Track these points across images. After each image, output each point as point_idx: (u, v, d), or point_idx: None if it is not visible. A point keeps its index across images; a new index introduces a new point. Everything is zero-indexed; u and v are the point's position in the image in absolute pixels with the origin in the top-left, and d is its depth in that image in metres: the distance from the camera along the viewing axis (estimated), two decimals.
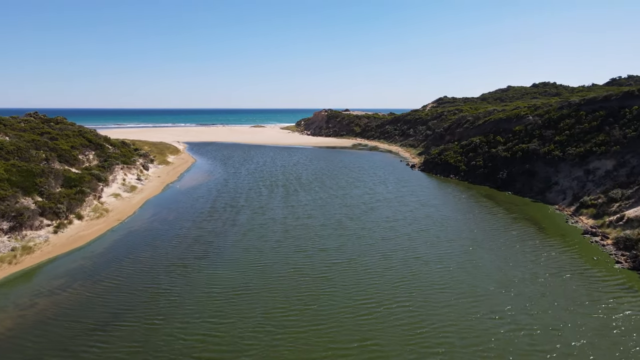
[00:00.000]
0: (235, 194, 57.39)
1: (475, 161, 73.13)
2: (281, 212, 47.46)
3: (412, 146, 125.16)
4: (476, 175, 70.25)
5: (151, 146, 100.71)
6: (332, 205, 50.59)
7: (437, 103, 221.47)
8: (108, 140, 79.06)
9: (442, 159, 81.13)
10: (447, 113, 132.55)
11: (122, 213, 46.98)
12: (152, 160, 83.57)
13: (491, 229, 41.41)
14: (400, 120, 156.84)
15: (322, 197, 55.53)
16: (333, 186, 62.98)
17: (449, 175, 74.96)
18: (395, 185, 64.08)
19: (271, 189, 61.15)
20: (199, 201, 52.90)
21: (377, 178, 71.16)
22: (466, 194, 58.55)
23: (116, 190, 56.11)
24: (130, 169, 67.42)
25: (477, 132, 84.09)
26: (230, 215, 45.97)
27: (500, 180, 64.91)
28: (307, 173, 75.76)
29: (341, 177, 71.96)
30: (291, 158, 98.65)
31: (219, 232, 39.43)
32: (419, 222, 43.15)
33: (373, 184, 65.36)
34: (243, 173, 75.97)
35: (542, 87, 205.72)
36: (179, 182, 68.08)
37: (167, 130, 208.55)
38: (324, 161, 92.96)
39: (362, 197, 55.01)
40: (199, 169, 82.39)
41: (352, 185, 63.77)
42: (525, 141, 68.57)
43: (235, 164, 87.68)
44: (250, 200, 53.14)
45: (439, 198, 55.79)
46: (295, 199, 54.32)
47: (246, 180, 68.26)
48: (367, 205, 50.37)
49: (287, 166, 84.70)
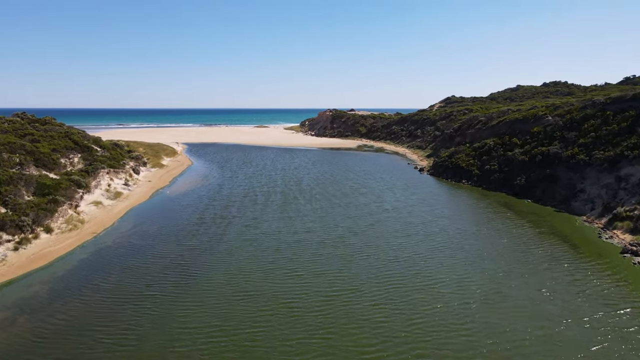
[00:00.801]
0: (229, 202, 52.43)
1: (489, 165, 67.70)
2: (276, 224, 42.39)
3: (420, 147, 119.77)
4: (491, 181, 64.83)
5: (146, 148, 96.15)
6: (334, 217, 45.45)
7: (444, 103, 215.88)
8: (98, 142, 74.49)
9: (453, 162, 75.75)
10: (456, 113, 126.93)
11: (99, 224, 42.15)
12: (144, 163, 78.91)
13: (516, 247, 36.10)
14: (407, 121, 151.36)
15: (323, 206, 50.43)
16: (336, 193, 57.84)
17: (461, 180, 69.61)
18: (404, 192, 58.83)
19: (268, 196, 56.14)
20: (187, 210, 47.99)
21: (383, 183, 65.93)
22: (482, 203, 53.19)
23: (98, 197, 51.36)
24: (118, 174, 62.68)
25: (490, 134, 78.61)
26: (218, 228, 40.96)
27: (518, 186, 59.49)
28: (308, 178, 70.69)
29: (345, 182, 66.82)
30: (293, 161, 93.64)
31: (202, 250, 34.40)
32: (432, 239, 37.89)
33: (380, 190, 60.14)
34: (240, 177, 71.05)
35: (552, 86, 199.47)
36: (170, 187, 63.28)
37: (168, 131, 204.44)
38: (327, 164, 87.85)
39: (367, 207, 49.81)
40: (194, 172, 77.60)
41: (357, 192, 58.60)
42: (544, 144, 63.07)
43: (233, 167, 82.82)
44: (244, 210, 48.13)
45: (452, 207, 50.49)
46: (294, 208, 49.25)
47: (242, 186, 63.31)
48: (373, 217, 45.16)
49: (288, 170, 79.69)
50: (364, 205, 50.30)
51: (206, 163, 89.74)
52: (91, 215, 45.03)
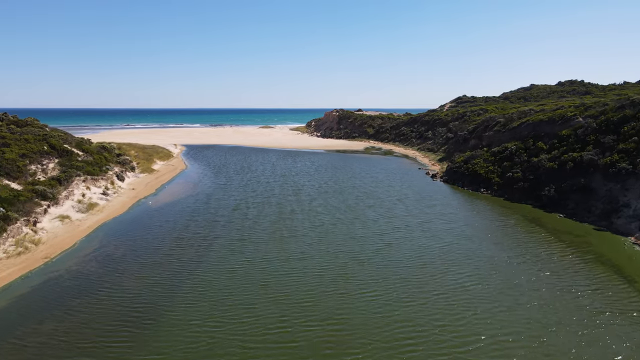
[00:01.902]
0: (215, 216, 45.78)
1: (511, 172, 60.38)
2: (265, 248, 35.62)
3: (431, 150, 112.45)
4: (514, 190, 57.54)
5: (139, 151, 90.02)
6: (335, 237, 38.56)
7: (455, 102, 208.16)
8: (81, 145, 68.36)
9: (470, 168, 68.49)
10: (470, 113, 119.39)
11: (57, 246, 35.70)
12: (132, 168, 72.67)
13: (562, 285, 28.96)
14: (417, 121, 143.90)
15: (323, 222, 43.59)
16: (339, 206, 50.93)
17: (479, 189, 62.36)
18: (417, 205, 51.76)
19: (261, 208, 49.42)
20: (165, 227, 41.43)
21: (393, 193, 58.90)
22: (508, 218, 45.97)
23: (67, 210, 45.02)
24: (97, 181, 56.36)
25: (511, 137, 71.27)
26: (195, 253, 34.27)
27: (546, 197, 52.20)
28: (309, 186, 63.87)
29: (350, 191, 59.90)
30: (295, 165, 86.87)
31: (166, 289, 27.51)
32: (456, 270, 30.85)
33: (390, 202, 53.11)
34: (234, 185, 64.43)
35: (568, 85, 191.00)
36: (155, 196, 56.83)
37: (172, 132, 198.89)
38: (331, 169, 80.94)
39: (375, 224, 42.85)
40: (185, 178, 71.17)
41: (364, 204, 51.65)
42: (576, 149, 55.69)
43: (229, 173, 76.27)
44: (230, 228, 41.42)
45: (474, 225, 43.36)
46: (289, 225, 42.44)
47: (235, 195, 56.68)
48: (383, 238, 38.17)
49: (288, 176, 72.94)
50: (372, 222, 43.31)
51: (201, 167, 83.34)
52: (52, 233, 38.61)
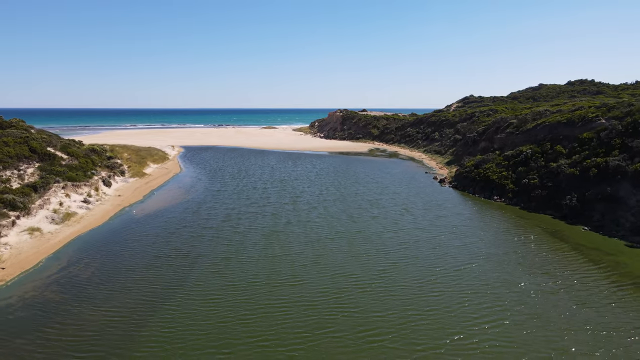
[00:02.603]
0: (203, 228, 41.53)
1: (527, 179, 55.71)
2: (254, 267, 31.28)
3: (438, 153, 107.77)
4: (531, 199, 52.89)
5: (132, 153, 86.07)
6: (334, 255, 34.16)
7: (462, 103, 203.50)
8: (67, 148, 64.41)
9: (481, 173, 63.85)
10: (479, 114, 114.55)
11: (17, 265, 31.57)
12: (122, 172, 68.64)
13: (599, 320, 24.41)
14: (423, 122, 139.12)
15: (322, 236, 39.19)
16: (340, 216, 46.50)
17: (492, 197, 57.73)
18: (425, 215, 47.24)
19: (254, 219, 45.12)
20: (145, 241, 37.23)
21: (399, 201, 54.40)
22: (527, 232, 41.35)
23: (40, 221, 40.94)
24: (79, 187, 52.32)
25: (525, 139, 66.55)
26: (173, 275, 30.00)
27: (567, 207, 47.55)
28: (309, 193, 59.51)
29: (353, 199, 55.47)
30: (295, 169, 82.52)
31: (132, 323, 23.29)
32: (474, 300, 26.31)
33: (395, 212, 48.61)
34: (229, 191, 60.21)
35: (578, 84, 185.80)
36: (141, 203, 52.71)
37: (172, 132, 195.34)
38: (333, 174, 76.50)
39: (380, 239, 38.35)
40: (178, 183, 67.04)
41: (367, 214, 47.20)
42: (599, 153, 50.99)
43: (225, 177, 72.08)
44: (217, 242, 37.14)
45: (490, 240, 38.80)
46: (283, 240, 38.07)
47: (227, 204, 52.45)
48: (388, 257, 33.69)
49: (287, 181, 68.62)
50: (376, 237, 38.82)
51: (197, 171, 79.21)
52: (16, 249, 34.50)
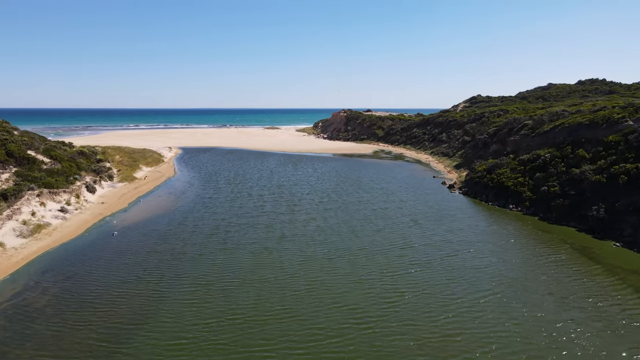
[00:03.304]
0: (186, 244, 37.06)
1: (547, 186, 50.87)
2: (235, 298, 26.73)
3: (446, 155, 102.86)
4: (551, 209, 48.03)
5: (125, 155, 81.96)
6: (333, 281, 29.45)
7: (469, 103, 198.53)
8: (49, 151, 60.30)
9: (494, 179, 59.02)
10: (489, 114, 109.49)
11: None
12: (110, 177, 64.42)
13: None
14: (430, 123, 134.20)
15: (319, 255, 34.58)
16: (341, 230, 41.81)
17: (507, 205, 52.91)
18: (436, 227, 42.51)
19: (244, 233, 40.60)
20: (117, 260, 32.84)
21: (407, 210, 49.71)
22: (553, 249, 36.53)
23: (5, 234, 36.63)
24: (57, 195, 48.11)
25: (542, 142, 61.62)
26: (139, 308, 25.48)
27: (594, 219, 42.72)
28: (308, 201, 54.97)
29: (356, 208, 50.86)
30: (295, 172, 78.01)
31: None
32: (500, 343, 21.59)
33: (403, 223, 43.88)
34: (221, 199, 55.79)
35: (589, 84, 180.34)
36: (124, 212, 48.43)
37: (173, 133, 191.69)
38: (335, 179, 71.86)
39: (386, 257, 33.59)
40: (169, 188, 62.74)
41: (371, 227, 42.51)
42: (628, 159, 46.12)
43: (219, 182, 67.71)
44: (199, 263, 32.64)
45: (512, 259, 34.03)
46: (276, 259, 33.49)
47: (218, 213, 48.05)
48: (396, 283, 28.89)
49: (286, 187, 64.12)
50: (381, 256, 34.05)
51: (191, 175, 74.95)
52: None
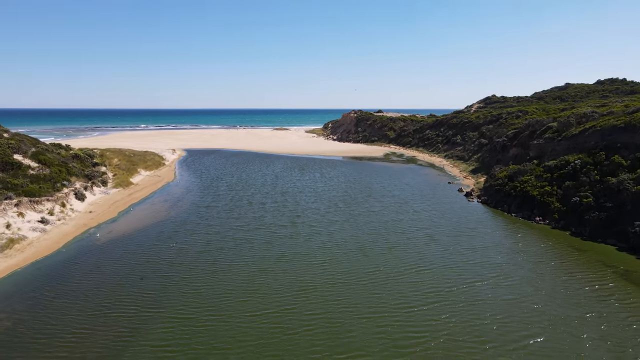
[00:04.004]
0: (170, 265, 32.76)
1: (578, 196, 45.65)
2: (222, 337, 22.27)
3: (461, 159, 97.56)
4: (585, 222, 42.83)
5: (124, 158, 78.30)
6: (337, 317, 24.78)
7: (484, 103, 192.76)
8: (38, 155, 56.67)
9: (517, 187, 53.86)
10: (506, 116, 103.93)
11: None
12: (104, 182, 60.65)
13: None
14: (443, 124, 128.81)
15: (323, 281, 29.97)
16: (349, 246, 37.07)
17: (533, 217, 47.80)
18: (456, 245, 37.60)
19: (239, 251, 36.17)
20: (89, 285, 28.69)
21: (422, 223, 44.88)
22: (594, 276, 31.43)
23: None
24: (39, 204, 44.28)
25: (570, 147, 56.23)
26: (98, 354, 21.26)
27: (636, 236, 37.53)
28: (313, 211, 50.46)
29: (365, 220, 46.21)
30: (302, 178, 73.51)
31: None
32: None
33: (418, 239, 39.03)
34: (219, 208, 51.55)
35: (609, 84, 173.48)
36: (112, 223, 44.43)
37: (181, 134, 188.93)
38: (345, 185, 67.19)
39: (399, 284, 28.81)
40: (165, 195, 58.74)
41: (383, 243, 37.76)
42: None
43: (220, 189, 63.56)
44: (181, 291, 28.27)
45: (549, 289, 29.05)
46: (270, 287, 28.98)
47: (212, 226, 43.79)
48: (412, 320, 24.03)
49: (290, 194, 59.69)
50: (394, 282, 29.19)
51: (191, 180, 70.96)
52: None
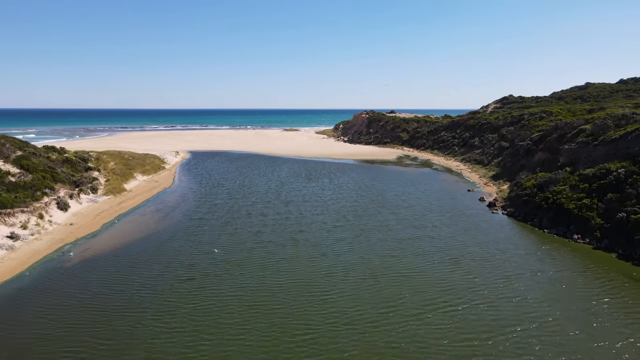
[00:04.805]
0: (142, 300, 27.64)
1: (625, 212, 39.47)
2: None
3: (480, 163, 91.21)
4: (635, 243, 36.70)
5: (120, 162, 73.78)
6: None
7: (501, 103, 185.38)
8: (22, 160, 52.20)
9: (549, 198, 47.73)
10: (529, 117, 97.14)
11: None
12: (94, 189, 55.99)
13: None
14: (459, 125, 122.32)
15: (324, 322, 24.54)
16: (360, 273, 31.47)
17: (570, 234, 41.71)
18: (483, 269, 31.88)
19: (227, 279, 30.91)
20: (44, 323, 23.70)
21: (443, 242, 39.08)
22: None
23: None
24: (11, 216, 39.57)
25: (609, 153, 49.89)
26: None
27: None
28: (319, 225, 45.02)
29: (379, 237, 40.64)
30: (308, 184, 68.07)
31: None
32: None
33: (440, 263, 33.32)
34: (214, 220, 46.44)
35: (632, 83, 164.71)
36: (92, 238, 39.57)
37: (188, 135, 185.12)
38: (355, 193, 61.53)
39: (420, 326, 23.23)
40: (158, 204, 53.84)
41: (398, 266, 32.25)
42: None
43: (219, 196, 58.51)
44: (151, 337, 23.11)
45: (606, 337, 23.25)
46: (262, 329, 23.62)
47: (202, 243, 38.65)
48: None
49: (294, 204, 54.36)
50: (416, 323, 23.58)
51: (190, 186, 66.06)
52: None
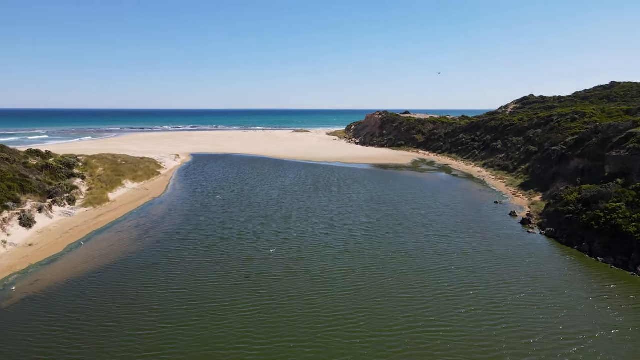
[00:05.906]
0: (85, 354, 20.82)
1: None
2: None
3: (504, 169, 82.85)
4: None
5: (109, 167, 67.44)
6: None
7: (521, 104, 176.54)
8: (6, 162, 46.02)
9: (600, 217, 39.73)
10: (558, 118, 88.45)
11: None
12: (71, 200, 49.57)
13: None
14: (479, 127, 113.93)
15: None
16: (373, 326, 24.37)
17: (633, 266, 33.76)
18: (531, 318, 24.27)
19: (201, 329, 23.94)
20: None
21: (472, 277, 31.45)
22: None
23: None
24: None
25: None
26: None
27: None
28: (323, 248, 37.80)
29: (395, 267, 33.26)
30: (314, 194, 60.80)
31: None
32: None
33: (473, 306, 25.91)
34: (197, 242, 39.54)
35: None
36: (47, 265, 32.92)
37: (195, 136, 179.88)
38: (367, 206, 53.89)
39: None
40: (140, 218, 47.14)
41: (423, 314, 24.93)
42: None
43: (211, 209, 51.68)
44: None
45: None
46: None
47: (179, 274, 31.72)
48: None
49: (295, 219, 47.24)
50: None
51: (183, 194, 59.41)
52: None
